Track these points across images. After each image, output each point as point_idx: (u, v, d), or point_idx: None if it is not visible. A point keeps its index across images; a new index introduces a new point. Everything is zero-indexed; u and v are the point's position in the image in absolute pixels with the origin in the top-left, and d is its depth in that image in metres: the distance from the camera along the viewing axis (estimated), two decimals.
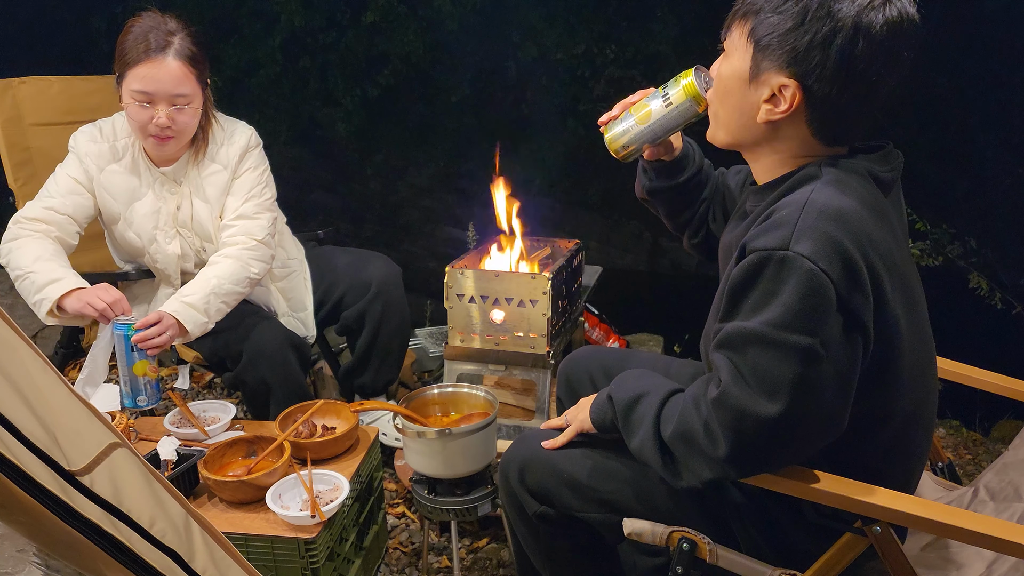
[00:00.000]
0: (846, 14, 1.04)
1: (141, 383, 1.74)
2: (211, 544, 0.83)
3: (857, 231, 1.03)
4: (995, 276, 4.10)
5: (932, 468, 1.62)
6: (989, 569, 1.28)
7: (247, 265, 1.91)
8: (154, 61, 1.78)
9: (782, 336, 1.01)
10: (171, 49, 1.80)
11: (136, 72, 1.79)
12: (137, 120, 1.83)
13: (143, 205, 1.96)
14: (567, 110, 6.85)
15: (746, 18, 1.13)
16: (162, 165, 1.96)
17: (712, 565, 1.18)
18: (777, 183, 1.18)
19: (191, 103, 1.84)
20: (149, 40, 1.79)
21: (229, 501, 1.56)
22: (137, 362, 1.72)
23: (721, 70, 1.19)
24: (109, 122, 1.98)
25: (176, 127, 1.83)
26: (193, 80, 1.84)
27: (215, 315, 1.84)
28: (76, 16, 6.90)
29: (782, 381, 1.01)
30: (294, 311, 2.18)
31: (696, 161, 1.50)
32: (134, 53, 1.79)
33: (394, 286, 2.18)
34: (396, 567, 1.95)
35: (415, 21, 6.67)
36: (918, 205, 4.01)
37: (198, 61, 1.85)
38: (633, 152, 1.41)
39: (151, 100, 1.80)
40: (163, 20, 1.83)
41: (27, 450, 0.64)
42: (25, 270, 1.78)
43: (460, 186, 7.44)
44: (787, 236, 1.02)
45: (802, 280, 1.00)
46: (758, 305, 1.04)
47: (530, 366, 1.99)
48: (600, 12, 6.58)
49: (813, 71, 1.07)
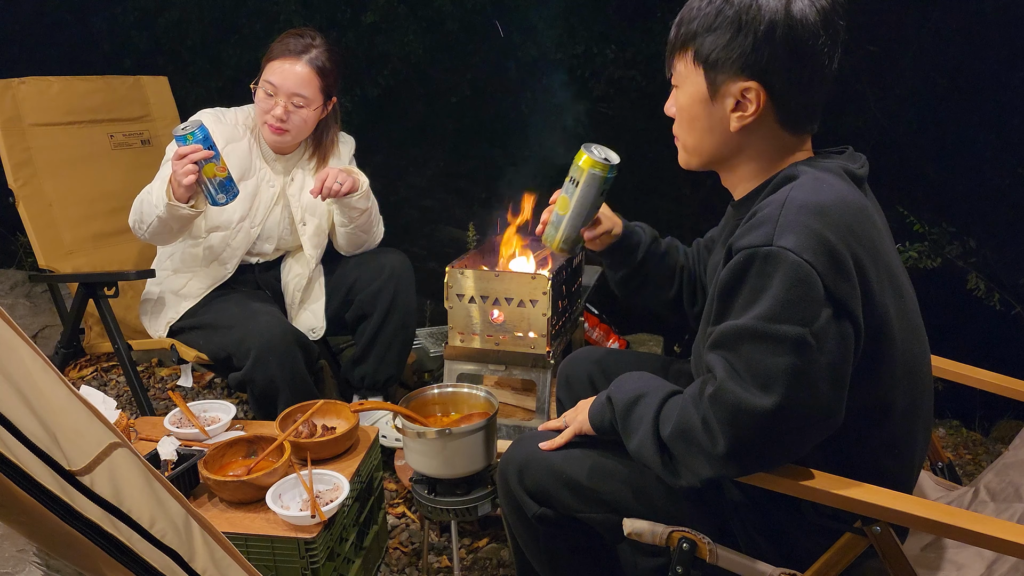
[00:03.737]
0: (775, 6, 1.09)
1: (214, 184, 1.88)
2: (211, 544, 0.83)
3: (839, 223, 1.05)
4: (994, 276, 4.10)
5: (932, 468, 1.62)
6: (989, 569, 1.28)
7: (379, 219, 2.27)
8: (289, 60, 2.04)
9: (772, 328, 1.02)
10: (307, 56, 2.05)
11: (272, 66, 2.05)
12: (261, 107, 2.07)
13: (248, 185, 2.12)
14: (567, 110, 6.85)
15: (685, 48, 1.18)
16: (278, 153, 2.17)
17: (712, 565, 1.18)
18: (757, 192, 1.20)
19: (308, 106, 2.06)
20: (293, 44, 2.05)
21: (229, 501, 1.56)
22: (204, 166, 1.85)
23: (679, 102, 1.23)
24: (229, 111, 2.18)
25: (290, 123, 2.06)
26: (316, 87, 2.06)
27: (370, 202, 2.15)
28: (76, 16, 6.89)
29: (776, 373, 1.02)
30: (306, 303, 2.24)
31: (646, 234, 1.58)
32: (278, 51, 2.06)
33: (407, 272, 2.25)
34: (396, 567, 1.95)
35: (415, 21, 6.67)
36: (917, 205, 4.01)
37: (326, 73, 2.08)
38: (574, 242, 1.52)
39: (275, 92, 2.04)
40: (312, 34, 2.10)
41: (27, 450, 0.64)
42: (144, 206, 1.97)
43: (460, 186, 7.44)
44: (770, 232, 1.04)
45: (788, 273, 1.02)
46: (748, 302, 1.05)
47: (530, 366, 1.99)
48: (600, 12, 6.58)
49: (768, 66, 1.11)
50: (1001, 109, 5.48)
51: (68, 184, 2.39)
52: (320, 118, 2.15)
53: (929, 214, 4.04)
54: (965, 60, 5.61)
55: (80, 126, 2.47)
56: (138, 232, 2.04)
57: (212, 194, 1.90)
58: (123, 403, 2.70)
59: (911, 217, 3.87)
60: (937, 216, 4.13)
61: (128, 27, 6.76)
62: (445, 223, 7.17)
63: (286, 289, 2.27)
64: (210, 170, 1.87)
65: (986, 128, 5.54)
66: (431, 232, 7.26)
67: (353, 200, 2.09)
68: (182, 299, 2.14)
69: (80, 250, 2.38)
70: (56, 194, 2.36)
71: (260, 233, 2.17)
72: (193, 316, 2.12)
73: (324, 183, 1.99)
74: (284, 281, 2.28)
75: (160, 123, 2.69)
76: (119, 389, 2.80)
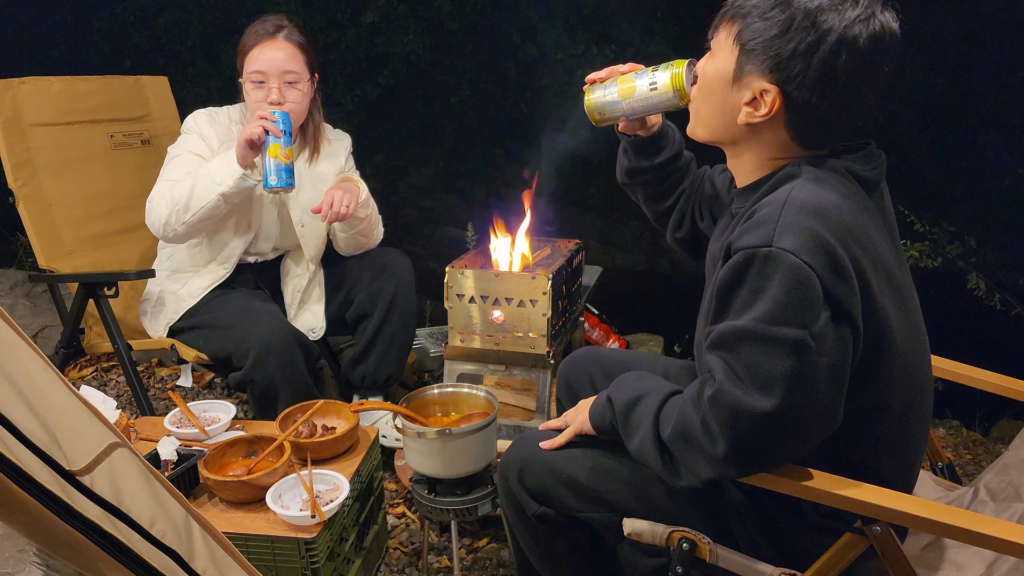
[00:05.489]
0: (831, 26, 1.06)
1: (273, 164, 1.86)
2: (211, 544, 0.83)
3: (838, 225, 1.05)
4: (995, 276, 4.10)
5: (932, 468, 1.62)
6: (989, 569, 1.28)
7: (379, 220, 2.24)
8: (266, 42, 2.02)
9: (772, 331, 1.02)
10: (281, 33, 2.04)
11: (252, 55, 2.03)
12: (255, 100, 2.03)
13: None
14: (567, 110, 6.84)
15: (733, 20, 1.15)
16: None
17: (712, 565, 1.18)
18: (759, 184, 1.20)
19: (300, 81, 2.04)
20: (262, 29, 2.04)
21: (229, 501, 1.56)
22: (271, 144, 1.86)
23: (706, 69, 1.21)
24: (222, 111, 2.17)
25: (287, 103, 2.02)
26: (301, 62, 2.05)
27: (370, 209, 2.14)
28: (76, 16, 6.89)
29: (775, 375, 1.02)
30: (306, 303, 2.24)
31: (675, 143, 1.52)
32: (251, 40, 2.04)
33: (407, 272, 2.24)
34: (396, 567, 1.95)
35: (415, 21, 6.67)
36: (918, 205, 4.00)
37: (306, 48, 2.07)
38: (607, 120, 1.45)
39: (264, 78, 2.01)
40: (277, 15, 2.09)
41: (27, 450, 0.64)
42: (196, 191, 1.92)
43: (460, 186, 7.44)
44: (769, 233, 1.04)
45: (787, 274, 1.01)
46: (747, 303, 1.05)
47: (530, 366, 1.99)
48: (600, 12, 6.58)
49: (794, 79, 1.09)
50: (1001, 109, 5.48)
51: (68, 184, 2.39)
52: (311, 96, 2.12)
53: (930, 214, 4.04)
54: (965, 60, 5.61)
55: (80, 126, 2.47)
56: (171, 230, 1.98)
57: (267, 173, 1.87)
58: (123, 403, 2.70)
59: (911, 216, 3.87)
60: (937, 216, 4.13)
61: (128, 27, 6.76)
62: (445, 223, 7.17)
63: (286, 289, 2.27)
64: (275, 150, 1.86)
65: (986, 128, 5.54)
66: (431, 232, 7.26)
67: None
68: (181, 299, 2.14)
69: (80, 250, 2.38)
70: (56, 194, 2.35)
71: (257, 233, 2.17)
72: (193, 316, 2.12)
73: (331, 208, 1.97)
74: (284, 281, 2.28)
75: (160, 123, 2.68)
76: (119, 389, 2.80)
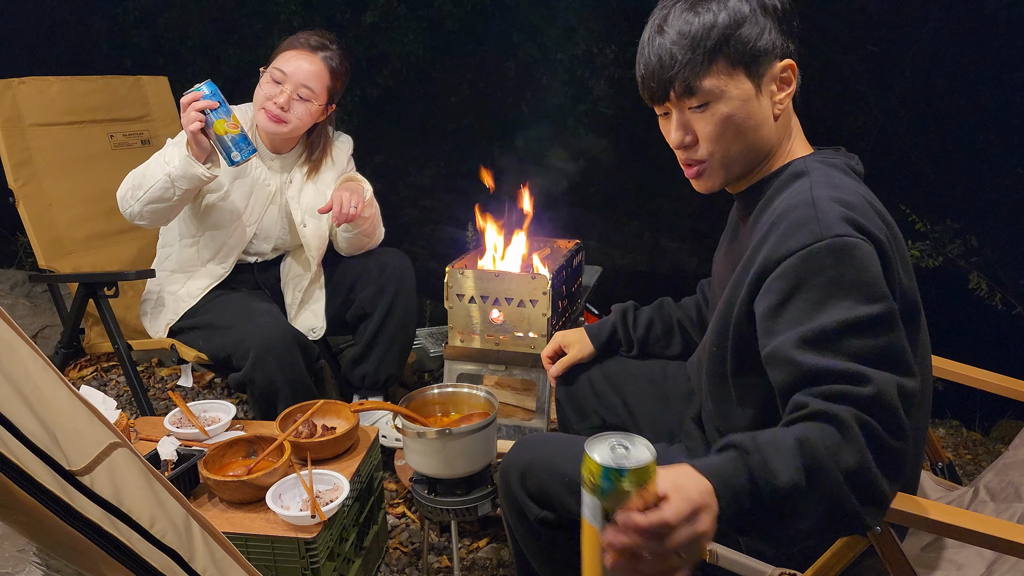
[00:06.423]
0: None
1: (226, 141, 1.83)
2: (211, 544, 0.83)
3: (867, 213, 1.07)
4: (995, 276, 4.10)
5: (932, 468, 1.62)
6: (989, 569, 1.28)
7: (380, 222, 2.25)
8: (305, 53, 2.03)
9: (868, 311, 0.98)
10: (322, 54, 2.05)
11: (286, 55, 2.04)
12: (264, 92, 2.03)
13: (244, 183, 2.10)
14: (567, 110, 6.85)
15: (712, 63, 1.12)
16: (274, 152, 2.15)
17: (712, 565, 1.18)
18: (760, 184, 1.21)
19: (312, 100, 2.04)
20: (311, 40, 2.05)
21: (229, 501, 1.56)
22: (215, 123, 1.82)
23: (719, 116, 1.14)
24: None
25: (291, 113, 2.02)
26: (324, 85, 2.05)
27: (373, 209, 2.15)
28: (76, 16, 6.90)
29: (898, 352, 0.99)
30: (306, 303, 2.24)
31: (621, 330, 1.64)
32: (294, 44, 2.05)
33: (407, 272, 2.24)
34: (396, 567, 1.95)
35: (415, 21, 6.67)
36: (918, 204, 4.00)
37: (337, 75, 2.08)
38: None
39: (284, 80, 2.01)
40: (330, 37, 2.10)
41: (27, 450, 0.64)
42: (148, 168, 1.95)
43: (460, 186, 7.44)
44: (816, 230, 1.03)
45: (855, 256, 1.01)
46: (827, 296, 1.00)
47: (530, 366, 1.99)
48: (600, 12, 6.58)
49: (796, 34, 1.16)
50: (1001, 109, 5.48)
51: (68, 184, 2.39)
52: (318, 120, 2.13)
53: (930, 213, 4.04)
54: (965, 60, 5.61)
55: (80, 126, 2.47)
56: (128, 206, 1.97)
57: (227, 152, 1.83)
58: (123, 403, 2.70)
59: (913, 216, 3.87)
60: (938, 215, 4.14)
61: (128, 27, 6.76)
62: (445, 223, 7.17)
63: (286, 289, 2.27)
64: (221, 127, 1.82)
65: (986, 128, 5.54)
66: (431, 232, 7.26)
67: None
68: (181, 299, 2.14)
69: (80, 250, 2.39)
70: (56, 194, 2.36)
71: (257, 232, 2.17)
72: (193, 316, 2.12)
73: (341, 209, 1.98)
74: (284, 281, 2.28)
75: (160, 123, 2.69)
76: (119, 389, 2.80)
